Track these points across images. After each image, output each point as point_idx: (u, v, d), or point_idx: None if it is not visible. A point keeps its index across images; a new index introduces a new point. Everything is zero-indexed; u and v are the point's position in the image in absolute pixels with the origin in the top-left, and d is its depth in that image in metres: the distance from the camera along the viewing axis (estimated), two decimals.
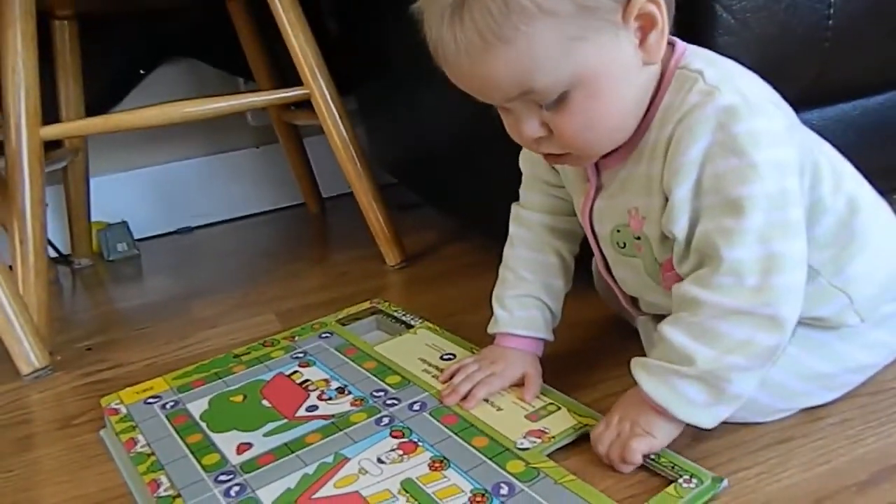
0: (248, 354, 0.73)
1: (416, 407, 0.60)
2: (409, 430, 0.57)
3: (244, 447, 0.57)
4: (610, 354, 0.51)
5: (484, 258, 0.71)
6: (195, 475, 0.54)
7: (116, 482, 0.59)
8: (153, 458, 0.56)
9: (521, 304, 0.63)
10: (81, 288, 1.24)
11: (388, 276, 1.04)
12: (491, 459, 0.52)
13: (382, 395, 0.62)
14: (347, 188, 1.07)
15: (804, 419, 0.54)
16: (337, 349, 0.72)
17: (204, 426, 0.60)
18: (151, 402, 0.65)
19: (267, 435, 0.58)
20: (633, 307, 0.61)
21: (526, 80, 0.45)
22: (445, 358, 0.67)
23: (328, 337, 0.75)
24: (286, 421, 0.60)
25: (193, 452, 0.57)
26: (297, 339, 0.75)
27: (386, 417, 0.59)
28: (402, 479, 0.51)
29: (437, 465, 0.52)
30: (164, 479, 0.54)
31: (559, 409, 0.57)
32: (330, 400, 0.62)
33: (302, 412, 0.61)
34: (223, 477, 0.53)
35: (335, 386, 0.65)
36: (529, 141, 0.50)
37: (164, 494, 0.52)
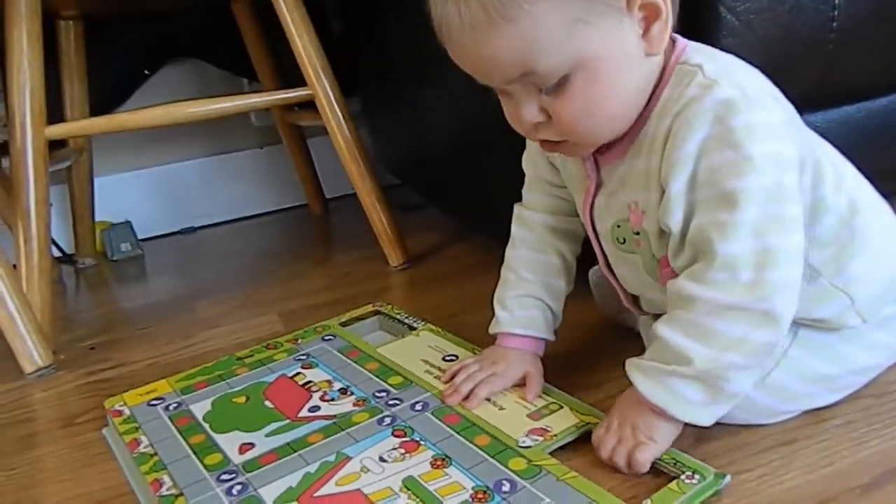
0: (251, 357, 0.73)
1: (418, 407, 0.60)
2: (411, 429, 0.57)
3: (246, 447, 0.57)
4: (611, 355, 0.51)
5: (486, 259, 0.70)
6: (197, 475, 0.54)
7: (119, 481, 0.59)
8: (156, 458, 0.56)
9: (521, 304, 0.63)
10: (85, 287, 1.24)
11: (390, 276, 1.04)
12: (493, 457, 0.52)
13: (385, 395, 0.62)
14: (351, 189, 1.07)
15: (807, 421, 0.54)
16: (339, 351, 0.72)
17: (206, 427, 0.60)
18: (155, 403, 0.65)
19: (269, 435, 0.58)
20: (634, 306, 0.61)
21: (527, 60, 0.45)
22: (447, 359, 0.67)
23: (331, 339, 0.75)
24: (288, 421, 0.60)
25: (196, 452, 0.57)
26: (299, 341, 0.76)
27: (388, 417, 0.59)
28: (403, 476, 0.51)
29: (438, 462, 0.52)
30: (166, 478, 0.54)
31: (561, 407, 0.57)
32: (332, 401, 0.63)
33: (304, 413, 0.61)
34: (225, 476, 0.53)
35: (337, 387, 0.65)
36: (528, 126, 0.50)
37: (166, 493, 0.52)
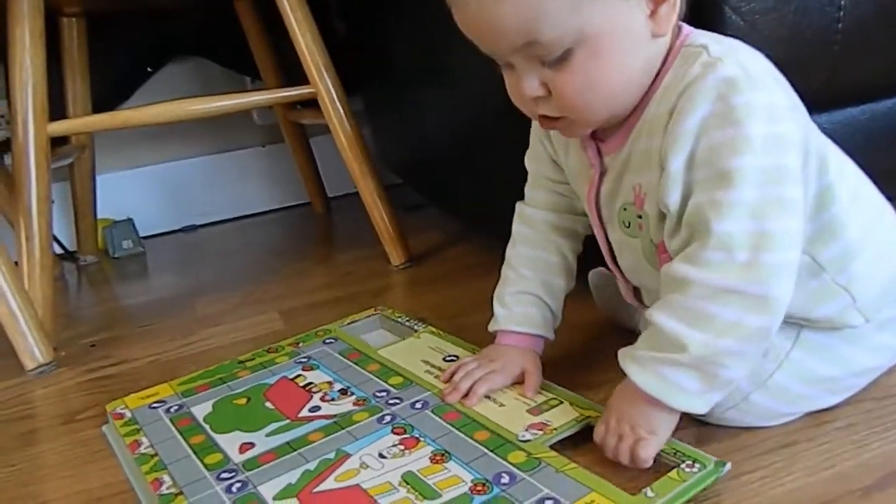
0: (252, 360, 0.73)
1: (418, 405, 0.60)
2: (410, 426, 0.57)
3: (246, 446, 0.57)
4: (612, 356, 0.51)
5: (487, 259, 0.70)
6: (197, 473, 0.54)
7: (119, 478, 0.59)
8: (156, 458, 0.57)
9: (519, 301, 0.63)
10: (86, 284, 1.24)
11: (392, 275, 1.04)
12: (492, 451, 0.52)
13: (385, 395, 0.62)
14: (353, 188, 1.07)
15: (809, 423, 0.54)
16: (340, 353, 0.72)
17: (207, 428, 0.61)
18: (156, 406, 0.65)
19: (269, 435, 0.58)
20: (636, 300, 0.61)
21: (532, 29, 0.45)
22: (448, 359, 0.67)
23: (332, 342, 0.75)
24: (289, 421, 0.60)
25: (196, 452, 0.57)
26: (301, 344, 0.76)
27: (388, 416, 0.59)
28: (402, 472, 0.51)
29: (438, 458, 0.52)
30: (166, 477, 0.54)
31: (561, 403, 0.57)
32: (332, 401, 0.63)
33: (304, 413, 0.61)
34: (225, 475, 0.53)
35: (338, 388, 0.65)
36: (528, 100, 0.50)
37: (165, 492, 0.52)
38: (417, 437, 0.55)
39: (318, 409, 0.62)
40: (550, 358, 0.64)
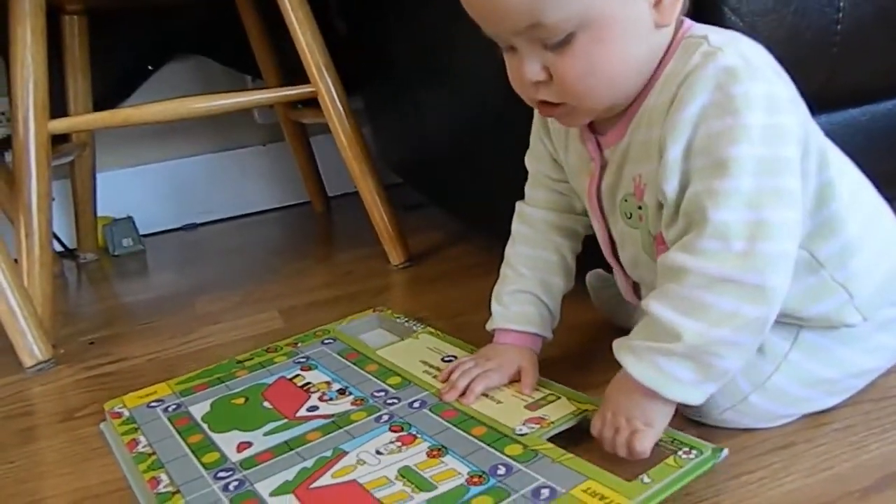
0: (251, 360, 0.73)
1: (415, 404, 0.60)
2: (408, 424, 0.57)
3: (244, 445, 0.57)
4: (610, 356, 0.51)
5: (487, 259, 0.70)
6: (195, 472, 0.54)
7: (117, 475, 0.59)
8: (154, 457, 0.57)
9: (516, 299, 0.63)
10: (86, 282, 1.24)
11: (391, 275, 1.04)
12: (489, 445, 0.52)
13: (383, 395, 0.62)
14: (353, 187, 1.07)
15: (807, 425, 0.54)
16: (339, 353, 0.72)
17: (205, 427, 0.60)
18: (154, 405, 0.65)
19: (267, 434, 0.58)
20: (636, 297, 0.61)
21: (536, 11, 0.45)
22: (446, 360, 0.67)
23: (331, 343, 0.75)
24: (286, 421, 0.60)
25: (194, 451, 0.57)
26: (299, 345, 0.76)
27: (386, 415, 0.59)
28: (399, 466, 0.51)
29: (434, 452, 0.52)
30: (163, 476, 0.54)
31: (559, 398, 0.58)
32: (331, 401, 0.63)
33: (302, 412, 0.61)
34: (223, 474, 0.53)
35: (336, 388, 0.65)
36: (528, 85, 0.50)
37: (163, 491, 0.52)
38: (415, 434, 0.55)
39: (316, 408, 0.62)
40: (549, 358, 0.64)
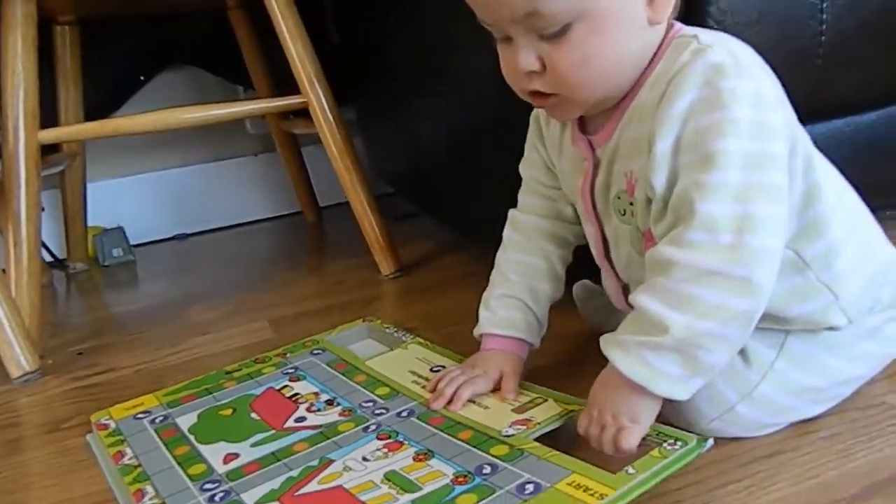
0: (239, 371, 0.73)
1: (403, 414, 0.60)
2: (395, 432, 0.57)
3: (231, 457, 0.56)
4: (599, 365, 0.51)
5: (478, 269, 0.70)
6: (181, 484, 0.53)
7: (103, 486, 0.58)
8: (139, 469, 0.56)
9: (503, 304, 0.63)
10: (76, 292, 1.24)
11: (382, 285, 1.04)
12: (476, 447, 0.52)
13: (371, 405, 0.62)
14: (344, 197, 1.07)
15: (793, 433, 0.54)
16: (328, 364, 0.72)
17: (192, 438, 0.60)
18: (141, 417, 0.65)
19: (254, 445, 0.58)
20: (625, 302, 0.61)
21: (535, 0, 0.46)
22: (435, 370, 0.67)
23: (320, 353, 0.75)
24: (274, 432, 0.60)
25: (180, 463, 0.56)
26: (288, 355, 0.75)
27: (373, 425, 0.58)
28: (385, 470, 0.51)
29: (421, 456, 0.52)
30: (149, 488, 0.53)
31: (546, 400, 0.58)
32: (319, 411, 0.62)
33: (290, 423, 0.61)
34: (209, 485, 0.53)
35: (324, 398, 0.65)
36: (522, 76, 0.50)
37: (148, 503, 0.51)
38: (401, 440, 0.55)
39: (303, 419, 0.61)
40: (538, 368, 0.64)
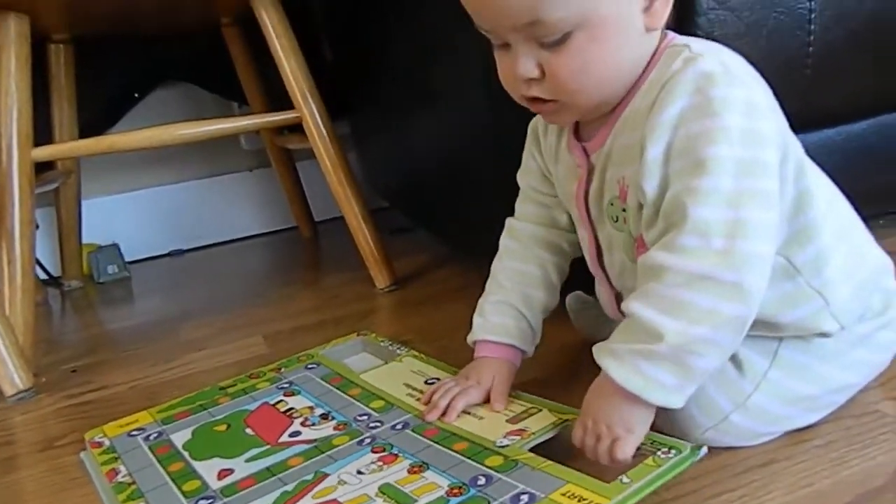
0: (234, 386, 0.72)
1: (398, 426, 0.59)
2: (390, 445, 0.56)
3: (225, 473, 0.56)
4: (592, 377, 0.51)
5: (473, 282, 0.70)
6: (175, 501, 0.53)
7: None
8: (133, 486, 0.56)
9: (496, 311, 0.63)
10: (70, 310, 1.23)
11: (377, 298, 1.04)
12: (470, 459, 0.52)
13: (366, 418, 0.62)
14: (339, 212, 1.08)
15: (788, 442, 0.54)
16: (322, 378, 0.72)
17: (186, 455, 0.60)
18: (135, 434, 0.64)
19: (249, 461, 0.58)
20: (618, 311, 0.61)
21: (537, 9, 0.46)
22: (430, 382, 0.67)
23: (314, 368, 0.75)
24: (268, 447, 0.60)
25: (174, 480, 0.56)
26: (283, 370, 0.75)
27: (368, 438, 0.58)
28: (380, 483, 0.51)
29: (415, 469, 0.52)
30: None
31: (540, 410, 0.58)
32: (313, 426, 0.62)
33: (285, 438, 0.61)
34: (203, 502, 0.52)
35: (319, 413, 0.64)
36: (520, 82, 0.50)
37: None
38: (396, 453, 0.55)
39: (298, 434, 0.61)
40: (532, 380, 0.64)
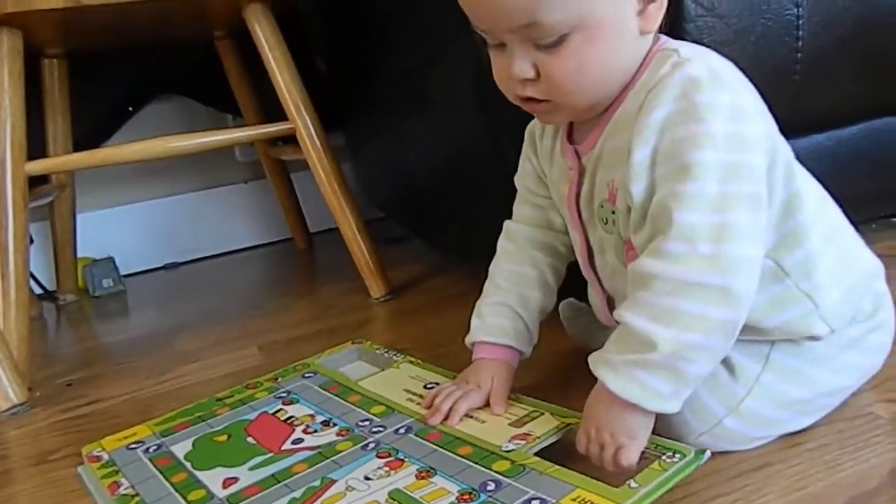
0: (231, 397, 0.72)
1: (401, 431, 0.60)
2: (395, 450, 0.57)
3: (230, 481, 0.56)
4: (587, 384, 0.51)
5: (468, 290, 0.71)
6: None
7: None
8: (137, 498, 0.55)
9: (493, 312, 0.63)
10: (65, 324, 1.23)
11: (373, 308, 1.04)
12: (477, 463, 0.52)
13: (368, 423, 0.62)
14: (334, 223, 1.08)
15: (781, 445, 0.54)
16: (320, 387, 0.72)
17: (188, 465, 0.59)
18: (134, 447, 0.64)
19: (253, 469, 0.57)
20: (610, 315, 0.61)
21: (534, 11, 0.46)
22: (429, 387, 0.67)
23: (311, 376, 0.75)
24: (272, 454, 0.59)
25: (178, 490, 0.56)
26: (279, 380, 0.75)
27: (372, 443, 0.58)
28: (389, 489, 0.51)
29: (423, 474, 0.52)
30: None
31: (542, 414, 0.58)
32: (315, 433, 0.62)
33: (287, 445, 0.61)
34: None
35: (320, 420, 0.64)
36: (515, 83, 0.51)
37: None
38: (402, 458, 0.55)
39: (300, 441, 0.61)
40: (527, 387, 0.64)
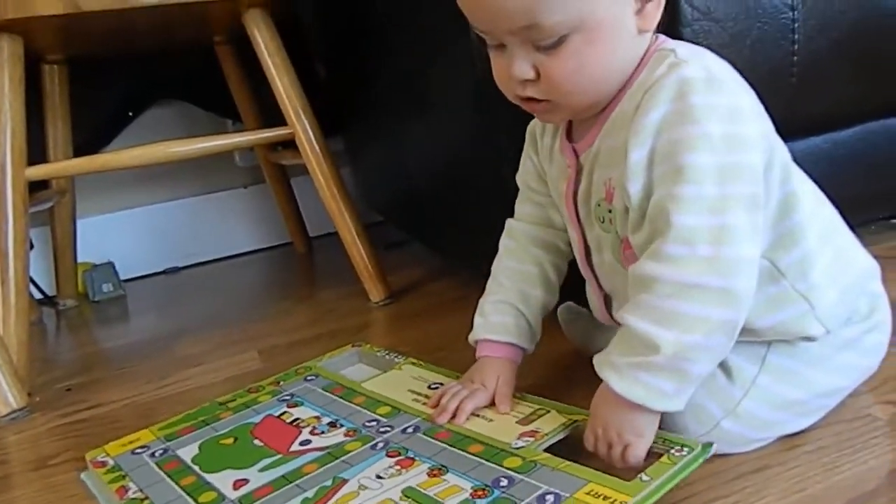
0: (234, 401, 0.72)
1: (409, 430, 0.60)
2: (405, 448, 0.57)
3: (241, 483, 0.56)
4: (588, 387, 0.51)
5: (468, 294, 0.71)
6: None
7: None
8: (147, 501, 0.55)
9: (496, 310, 0.64)
10: (65, 329, 1.23)
11: (372, 312, 1.05)
12: (488, 461, 0.53)
13: (375, 424, 0.62)
14: (334, 227, 1.08)
15: (780, 447, 0.54)
16: (324, 389, 0.72)
17: (196, 468, 0.59)
18: (139, 451, 0.64)
19: (262, 470, 0.57)
20: (608, 314, 0.61)
21: (534, 13, 0.47)
22: (433, 387, 0.67)
23: (313, 379, 0.75)
24: (281, 456, 0.59)
25: (189, 493, 0.56)
26: (282, 383, 0.75)
27: (381, 442, 0.58)
28: (403, 487, 0.51)
29: (435, 472, 0.52)
30: None
31: (549, 411, 0.58)
32: (323, 434, 0.62)
33: (296, 447, 0.61)
34: None
35: (327, 421, 0.64)
36: (515, 83, 0.51)
37: None
38: (413, 457, 0.55)
39: (308, 442, 0.61)
40: (527, 389, 0.64)
